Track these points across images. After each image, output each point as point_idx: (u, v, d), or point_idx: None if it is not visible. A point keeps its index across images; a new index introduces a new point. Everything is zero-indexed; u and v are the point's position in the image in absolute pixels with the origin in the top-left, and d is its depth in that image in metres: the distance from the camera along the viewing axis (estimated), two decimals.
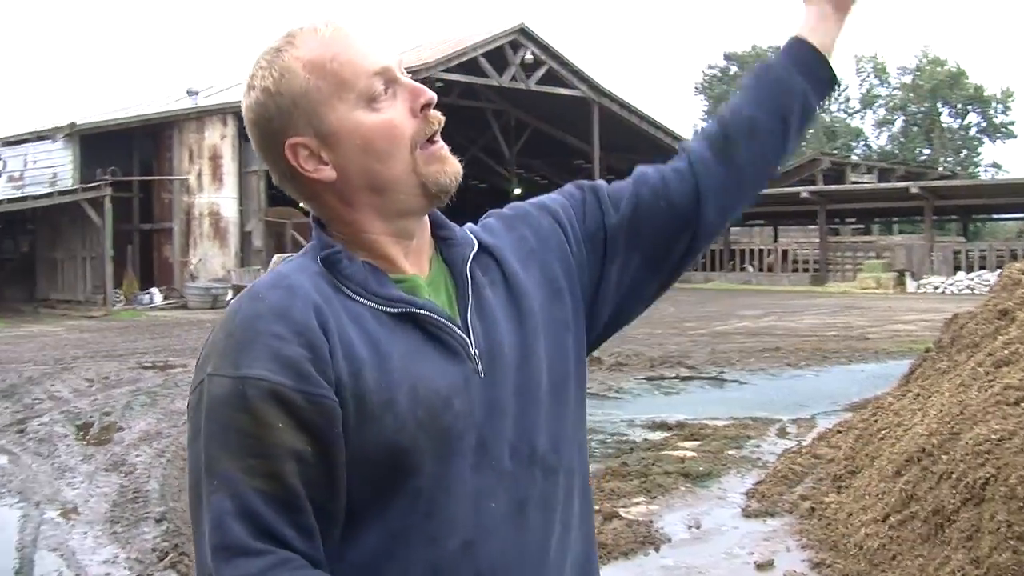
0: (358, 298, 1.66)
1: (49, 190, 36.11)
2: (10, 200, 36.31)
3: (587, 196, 2.02)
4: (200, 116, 37.42)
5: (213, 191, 38.18)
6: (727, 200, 2.00)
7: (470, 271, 1.78)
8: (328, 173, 1.70)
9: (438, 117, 1.73)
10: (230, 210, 37.95)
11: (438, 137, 1.73)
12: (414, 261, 1.76)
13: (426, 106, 1.70)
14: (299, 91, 1.68)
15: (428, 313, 1.67)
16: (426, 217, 1.79)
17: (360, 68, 1.68)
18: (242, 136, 37.57)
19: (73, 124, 36.92)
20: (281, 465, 1.53)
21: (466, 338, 1.70)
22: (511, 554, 1.67)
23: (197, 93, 40.85)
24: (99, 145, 36.79)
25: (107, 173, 35.46)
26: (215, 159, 37.69)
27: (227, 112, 37.66)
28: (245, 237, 38.14)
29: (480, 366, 1.69)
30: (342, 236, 1.74)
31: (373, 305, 1.66)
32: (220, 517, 1.51)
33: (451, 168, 1.73)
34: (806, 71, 2.00)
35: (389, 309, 1.67)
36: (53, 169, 37.44)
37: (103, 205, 34.47)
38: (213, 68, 54.77)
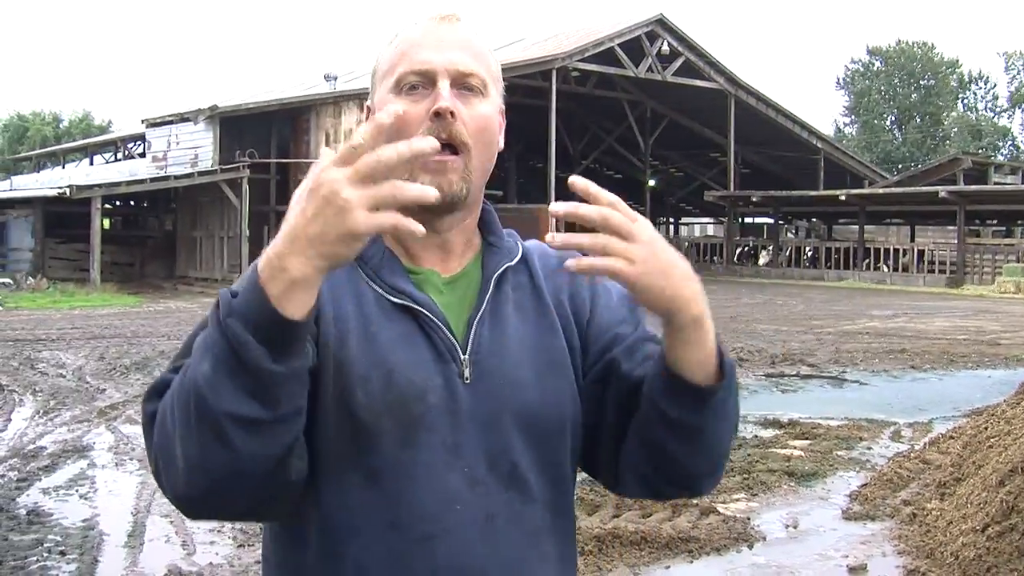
0: (368, 280, 1.74)
1: (190, 170, 37.07)
2: (152, 179, 37.39)
3: (626, 326, 1.88)
4: (337, 101, 37.93)
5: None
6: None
7: (498, 282, 1.81)
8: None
9: (450, 130, 1.72)
10: None
11: (442, 149, 1.68)
12: (439, 256, 1.81)
13: (436, 113, 1.73)
14: (380, 63, 1.83)
15: (423, 311, 1.73)
16: (470, 218, 1.84)
17: (408, 60, 1.76)
18: None
19: (215, 107, 37.75)
20: None
21: (455, 342, 1.73)
22: (474, 562, 1.71)
23: (336, 78, 41.41)
24: (239, 127, 37.60)
25: (245, 155, 36.30)
26: None
27: (364, 97, 37.95)
28: None
29: (467, 371, 1.72)
30: None
31: (379, 290, 1.74)
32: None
33: (435, 181, 1.68)
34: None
35: (391, 298, 1.73)
36: (195, 150, 38.39)
37: (241, 186, 35.31)
38: (352, 54, 55.41)
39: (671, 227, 66.85)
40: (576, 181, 1.51)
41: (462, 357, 1.72)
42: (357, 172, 1.39)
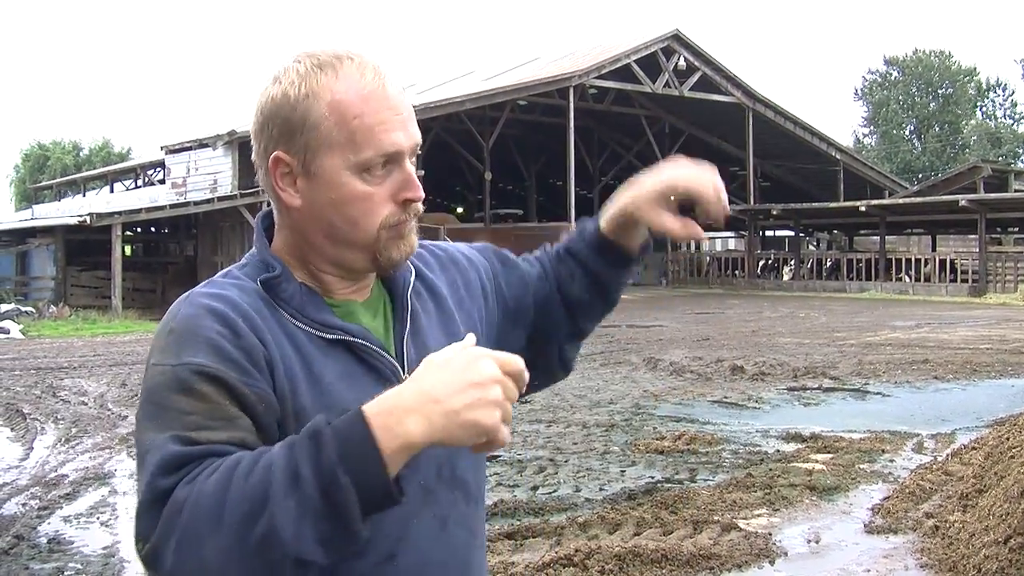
0: (294, 321, 1.73)
1: (209, 196, 37.22)
2: (172, 206, 37.55)
3: (499, 264, 2.16)
4: None
5: None
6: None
7: (409, 298, 1.85)
8: (294, 200, 1.76)
9: (417, 210, 1.78)
10: None
11: (408, 221, 1.78)
12: (351, 287, 1.82)
13: (408, 201, 1.75)
14: (312, 121, 1.72)
15: (360, 341, 1.74)
16: None
17: (376, 140, 1.71)
18: None
19: (233, 132, 37.90)
20: (220, 431, 1.56)
21: (396, 364, 1.76)
22: (433, 567, 1.75)
23: None
24: None
25: None
26: None
27: None
28: None
29: None
30: (287, 250, 1.81)
31: (308, 329, 1.73)
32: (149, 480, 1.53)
33: (406, 246, 1.78)
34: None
35: (324, 335, 1.73)
36: (214, 175, 38.57)
37: (261, 210, 35.30)
38: None
39: (692, 242, 66.53)
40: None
41: (403, 375, 1.72)
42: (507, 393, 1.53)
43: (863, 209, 44.31)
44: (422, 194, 1.75)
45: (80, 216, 35.88)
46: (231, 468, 1.47)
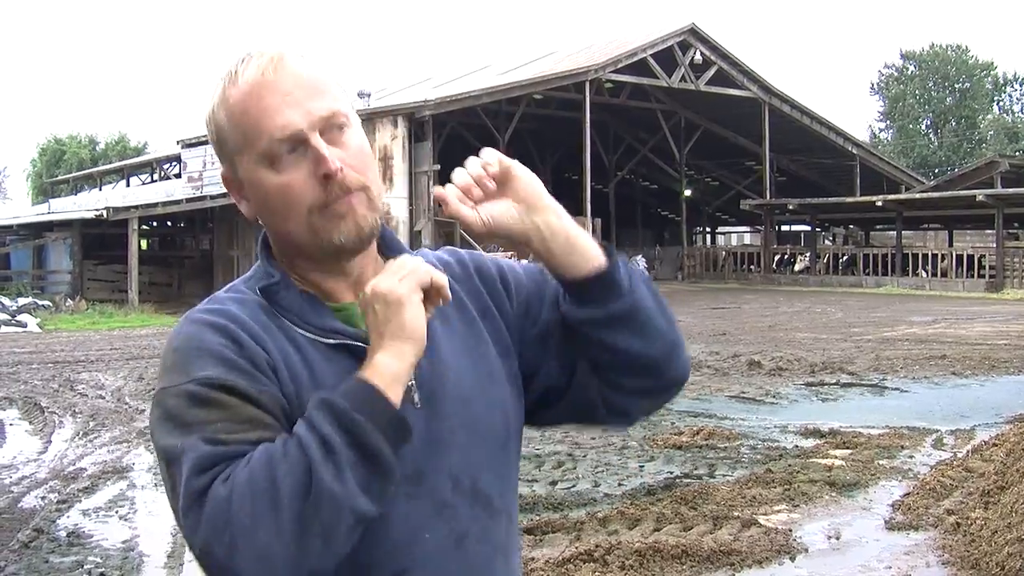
0: (296, 328, 1.72)
1: (225, 190, 37.21)
2: (189, 200, 37.62)
3: (536, 285, 1.97)
4: (371, 118, 38.02)
5: (384, 191, 38.73)
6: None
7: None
8: (247, 209, 1.78)
9: (345, 185, 1.70)
10: (400, 210, 38.48)
11: (341, 198, 1.70)
12: (355, 290, 1.78)
13: (326, 176, 1.68)
14: (223, 132, 1.74)
15: (361, 344, 1.70)
16: (372, 243, 1.81)
17: (264, 129, 1.68)
18: (412, 137, 38.15)
19: None
20: (249, 432, 1.59)
21: None
22: None
23: (369, 95, 41.58)
24: None
25: None
26: (386, 160, 38.25)
27: (398, 114, 38.27)
28: (415, 237, 38.65)
29: (416, 396, 1.71)
30: (279, 259, 1.81)
31: (310, 335, 1.72)
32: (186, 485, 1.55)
33: (348, 225, 1.71)
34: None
35: (325, 340, 1.72)
36: None
37: None
38: (385, 71, 55.68)
39: (708, 236, 66.66)
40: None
41: (410, 383, 1.69)
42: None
43: (880, 204, 44.20)
44: (334, 166, 1.67)
45: (97, 210, 36.07)
46: (266, 453, 1.53)
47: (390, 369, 1.58)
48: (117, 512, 8.77)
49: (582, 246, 1.76)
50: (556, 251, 1.75)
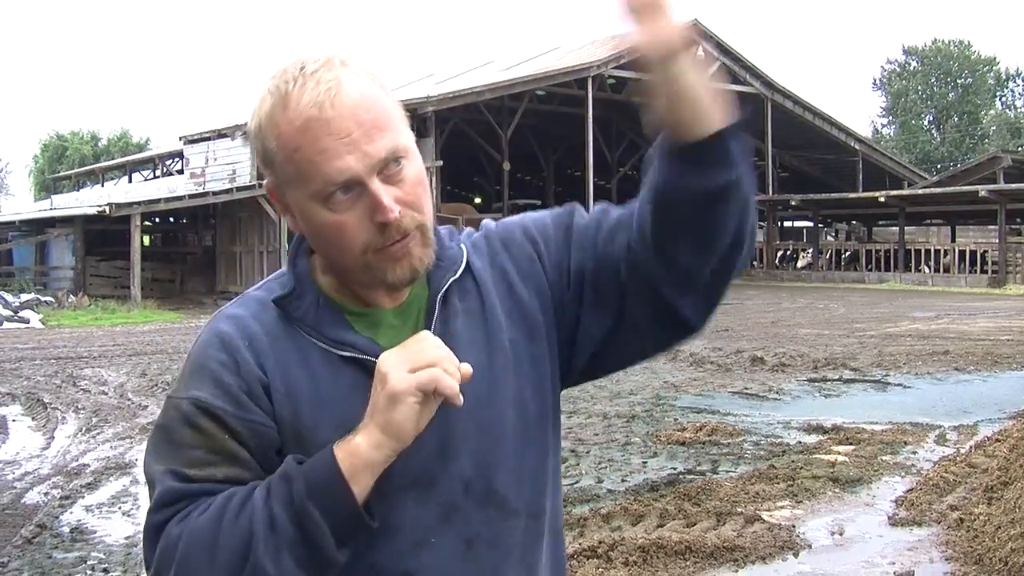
0: (310, 337, 1.71)
1: (228, 186, 37.30)
2: (191, 196, 37.65)
3: (574, 226, 1.87)
4: None
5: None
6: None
7: (445, 298, 1.76)
8: (292, 224, 1.74)
9: (400, 228, 1.64)
10: None
11: (398, 241, 1.65)
12: (387, 293, 1.75)
13: (383, 224, 1.63)
14: (271, 156, 1.66)
15: (371, 359, 1.65)
16: None
17: (318, 173, 1.61)
18: (416, 133, 38.07)
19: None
20: (219, 467, 1.64)
21: None
22: None
23: None
24: None
25: None
26: None
27: (403, 110, 38.17)
28: None
29: None
30: (320, 261, 1.78)
31: (324, 346, 1.70)
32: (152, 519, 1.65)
33: (405, 267, 1.67)
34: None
35: (338, 352, 1.70)
36: (233, 166, 38.66)
37: None
38: (390, 68, 55.51)
39: None
40: None
41: None
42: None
43: (882, 200, 44.20)
44: (392, 215, 1.61)
45: (99, 206, 36.02)
46: (221, 508, 1.59)
47: (364, 456, 1.56)
48: (120, 508, 8.78)
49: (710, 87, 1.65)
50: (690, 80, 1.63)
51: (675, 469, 9.67)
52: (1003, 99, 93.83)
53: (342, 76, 1.63)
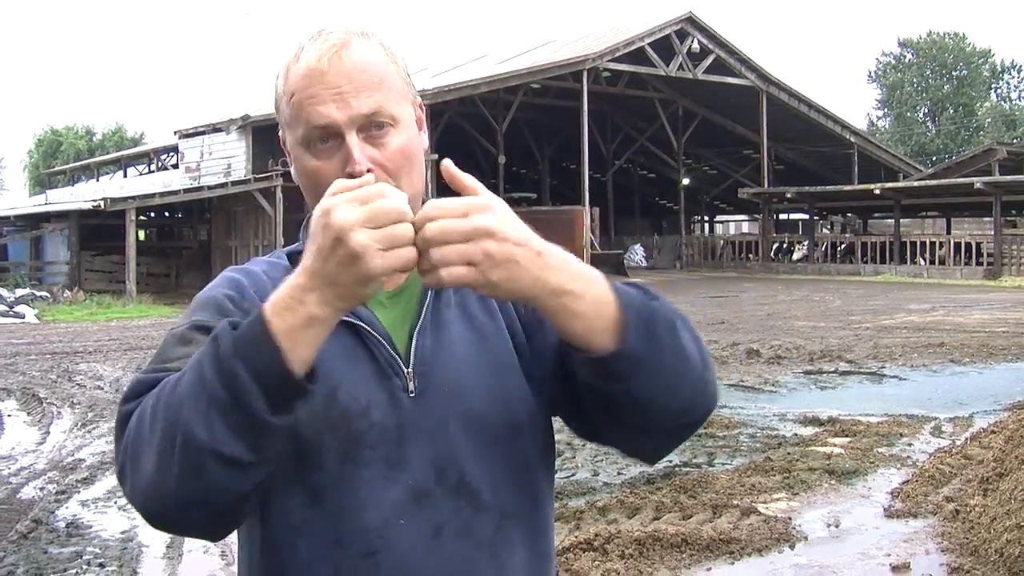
0: None
1: (223, 180, 37.26)
2: (186, 190, 37.58)
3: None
4: None
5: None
6: None
7: (438, 289, 1.75)
8: (294, 173, 1.80)
9: (368, 182, 1.52)
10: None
11: None
12: None
13: (350, 175, 1.63)
14: (278, 102, 1.79)
15: (364, 326, 1.71)
16: None
17: (306, 115, 1.70)
18: None
19: (246, 116, 37.93)
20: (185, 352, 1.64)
21: (395, 356, 1.71)
22: (419, 573, 1.69)
23: None
24: (271, 136, 37.56)
25: (278, 163, 36.41)
26: None
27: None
28: None
29: (412, 384, 1.70)
30: None
31: None
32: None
33: None
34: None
35: None
36: (227, 160, 38.62)
37: (275, 195, 35.40)
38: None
39: (706, 225, 66.72)
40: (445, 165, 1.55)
41: (406, 371, 1.71)
42: (372, 216, 1.41)
43: (878, 192, 44.19)
44: (359, 167, 1.65)
45: (94, 201, 35.95)
46: (164, 384, 1.54)
47: (301, 312, 1.44)
48: (116, 503, 8.76)
49: (591, 316, 1.53)
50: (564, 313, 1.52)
51: (671, 461, 9.66)
52: (998, 91, 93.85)
53: (352, 40, 1.73)
